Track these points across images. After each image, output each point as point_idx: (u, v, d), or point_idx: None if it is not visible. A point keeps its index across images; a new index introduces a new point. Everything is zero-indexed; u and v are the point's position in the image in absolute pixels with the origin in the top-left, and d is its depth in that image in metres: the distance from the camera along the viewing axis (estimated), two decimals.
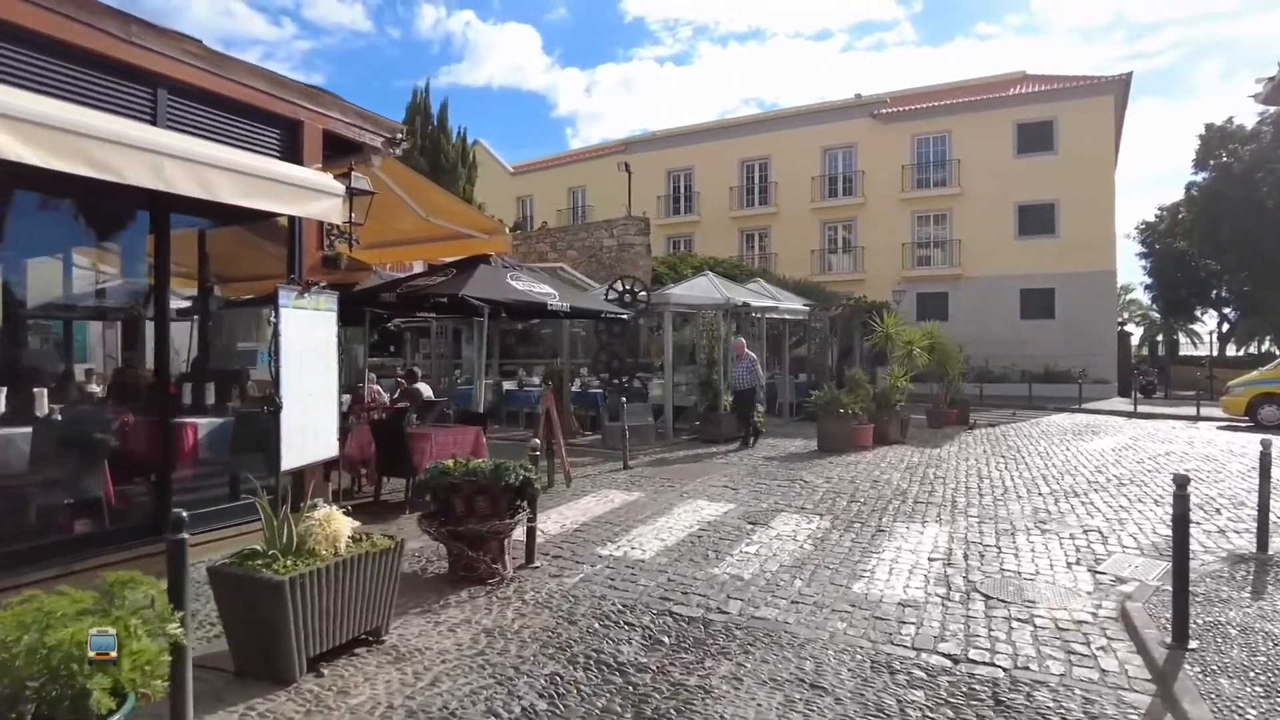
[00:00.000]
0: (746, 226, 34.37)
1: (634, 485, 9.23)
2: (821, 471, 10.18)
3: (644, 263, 22.20)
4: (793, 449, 12.46)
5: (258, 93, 6.38)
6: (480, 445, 8.26)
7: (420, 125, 31.95)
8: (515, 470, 5.34)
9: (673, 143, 36.18)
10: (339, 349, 6.50)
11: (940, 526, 7.18)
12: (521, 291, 8.59)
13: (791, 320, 17.98)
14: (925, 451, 12.16)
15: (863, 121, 31.57)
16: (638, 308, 13.40)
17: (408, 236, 10.15)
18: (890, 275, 29.19)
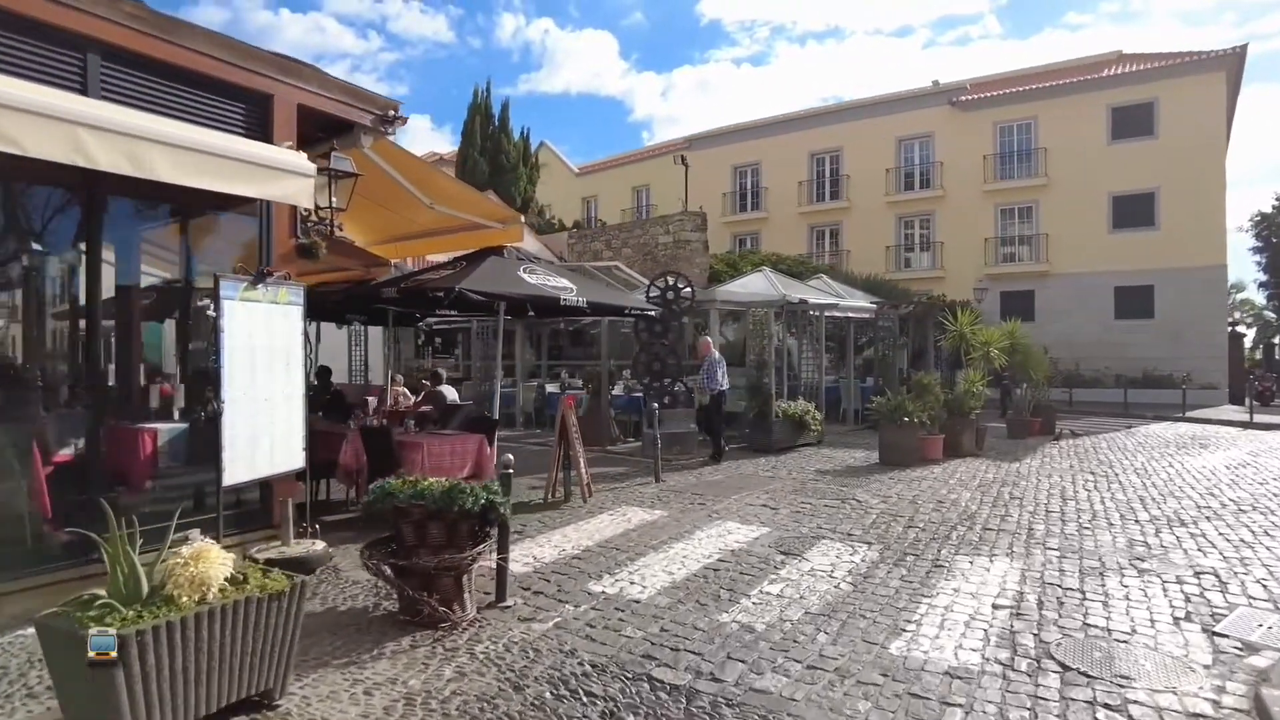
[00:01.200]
0: (817, 222, 32.86)
1: (659, 502, 8.25)
2: (879, 489, 8.98)
3: (700, 260, 21.21)
4: (851, 461, 11.24)
5: (215, 62, 5.69)
6: (485, 457, 7.43)
7: (481, 126, 31.77)
8: (474, 494, 4.44)
9: (739, 137, 34.96)
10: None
11: (1011, 562, 5.96)
12: (533, 286, 7.73)
13: (857, 320, 16.65)
14: (1002, 466, 10.75)
15: (940, 110, 29.71)
16: (681, 305, 12.41)
17: (423, 229, 9.47)
18: (971, 272, 27.30)
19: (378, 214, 9.28)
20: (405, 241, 9.80)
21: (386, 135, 7.13)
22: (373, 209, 9.18)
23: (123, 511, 5.05)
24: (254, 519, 5.94)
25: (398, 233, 9.81)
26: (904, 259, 30.76)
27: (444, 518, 4.46)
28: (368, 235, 10.34)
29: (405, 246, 9.85)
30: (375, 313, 11.05)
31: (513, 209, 29.84)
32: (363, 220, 9.89)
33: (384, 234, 10.05)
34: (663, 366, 12.41)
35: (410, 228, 9.52)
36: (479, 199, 8.24)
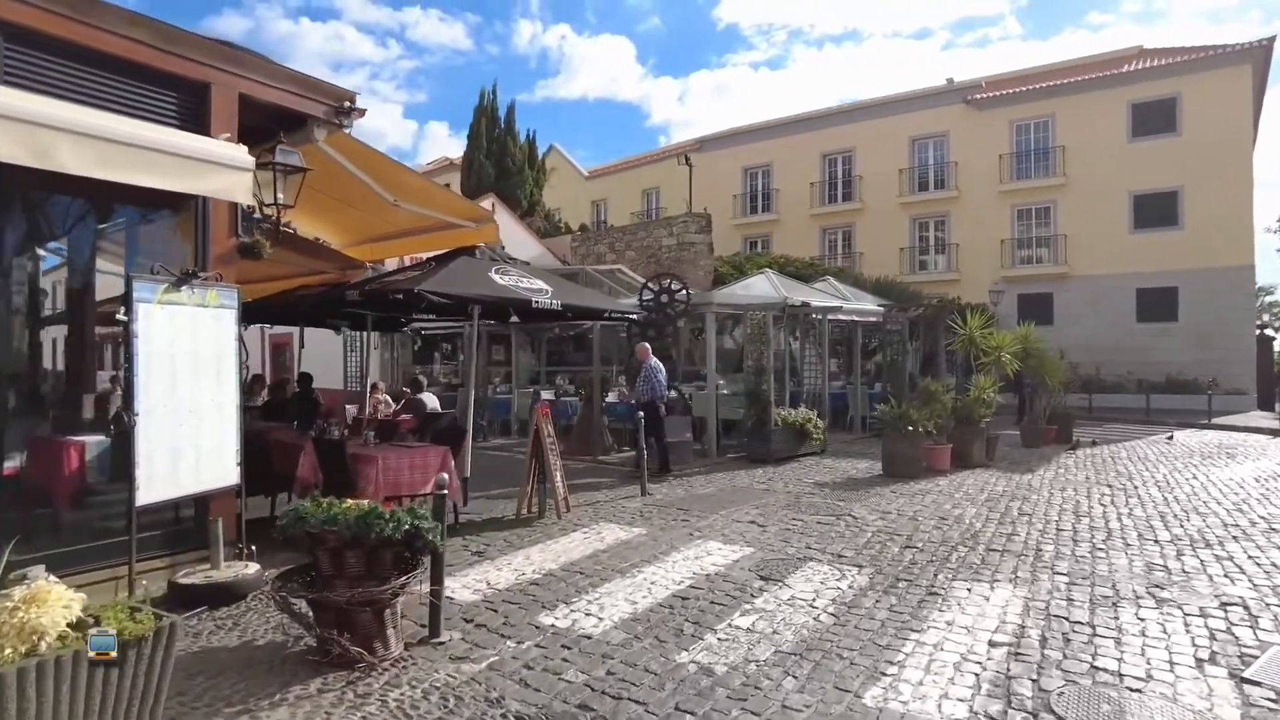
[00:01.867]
0: (829, 224, 32.22)
1: (640, 519, 7.73)
2: (878, 504, 8.41)
3: (705, 262, 20.71)
4: (853, 473, 10.66)
5: (142, 47, 5.27)
6: (449, 470, 6.94)
7: (487, 129, 31.42)
8: (395, 519, 3.95)
9: (749, 138, 34.40)
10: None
11: (1014, 589, 5.38)
12: (502, 287, 7.26)
13: (864, 323, 16.04)
14: (1013, 478, 10.13)
15: (955, 109, 29.01)
16: (676, 309, 11.91)
17: (399, 229, 9.04)
18: (987, 275, 26.56)
19: (351, 215, 8.86)
20: (381, 243, 9.37)
21: (343, 128, 6.68)
22: (344, 209, 8.76)
23: (38, 533, 4.59)
24: (186, 539, 5.49)
25: (373, 234, 9.38)
26: (918, 261, 30.04)
27: (362, 545, 3.97)
28: (343, 237, 9.92)
29: (382, 248, 9.42)
30: (358, 318, 10.65)
31: (519, 209, 29.53)
32: (337, 221, 9.48)
33: (359, 235, 9.63)
34: None
35: (385, 228, 9.09)
36: (449, 197, 7.79)
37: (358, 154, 7.21)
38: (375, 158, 7.33)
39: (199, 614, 4.63)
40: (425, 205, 7.76)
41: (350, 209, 8.66)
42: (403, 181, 7.52)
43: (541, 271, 8.31)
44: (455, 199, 7.81)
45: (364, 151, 7.25)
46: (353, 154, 7.17)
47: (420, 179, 7.46)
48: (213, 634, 4.51)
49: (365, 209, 8.04)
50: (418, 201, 7.67)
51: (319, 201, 8.75)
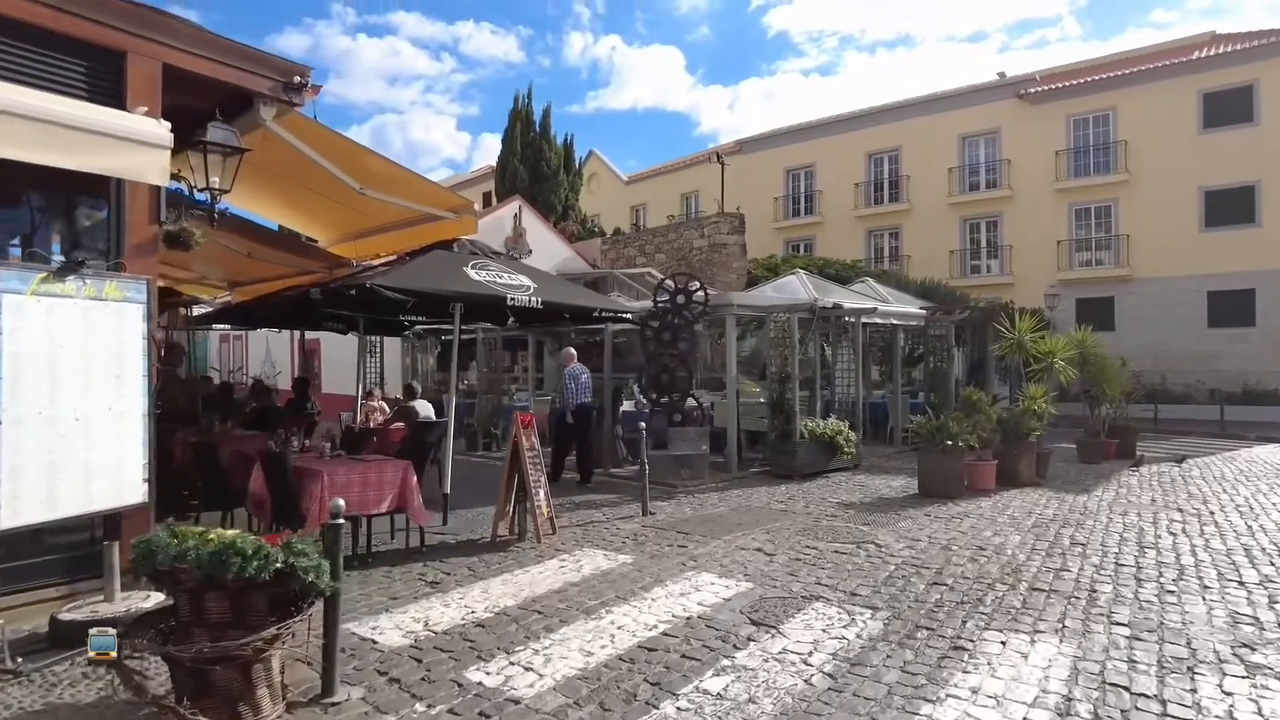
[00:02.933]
0: (875, 226, 30.95)
1: (633, 543, 6.87)
2: (908, 529, 7.40)
3: (738, 264, 19.78)
4: (886, 491, 9.63)
5: (42, 8, 4.65)
6: (409, 488, 6.20)
7: (521, 133, 30.97)
8: (262, 555, 3.18)
9: (791, 139, 33.34)
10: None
11: (1061, 644, 4.38)
12: (476, 283, 6.50)
13: (906, 328, 14.91)
14: (1066, 500, 8.97)
15: (1007, 104, 27.53)
16: (694, 311, 11.02)
17: (382, 224, 8.39)
18: (1043, 278, 25.06)
19: (334, 210, 8.25)
20: (365, 239, 8.75)
21: (294, 106, 6.01)
22: (326, 205, 8.15)
23: None
24: (90, 565, 4.83)
25: (356, 229, 8.77)
26: (970, 265, 28.57)
27: (224, 587, 3.21)
28: (329, 234, 9.34)
29: (366, 244, 8.78)
30: (356, 321, 10.06)
31: (554, 213, 28.94)
32: (321, 218, 8.89)
33: (344, 231, 9.03)
34: (672, 379, 11.03)
35: (366, 223, 8.46)
36: (423, 184, 7.07)
37: (317, 137, 6.54)
38: (336, 140, 6.65)
39: (67, 658, 3.94)
40: (394, 193, 7.07)
41: (333, 205, 8.04)
42: (368, 166, 6.83)
43: (527, 268, 7.54)
44: (429, 186, 7.11)
45: (324, 134, 6.59)
46: (312, 137, 6.51)
47: (387, 163, 6.76)
48: (73, 685, 3.80)
49: (339, 199, 7.38)
50: (386, 188, 6.97)
51: (296, 195, 8.17)
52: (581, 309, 7.15)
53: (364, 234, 8.70)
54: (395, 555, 6.40)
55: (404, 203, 7.09)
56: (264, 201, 8.65)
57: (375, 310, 8.47)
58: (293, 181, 7.39)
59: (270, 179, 7.72)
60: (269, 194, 8.34)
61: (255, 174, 7.70)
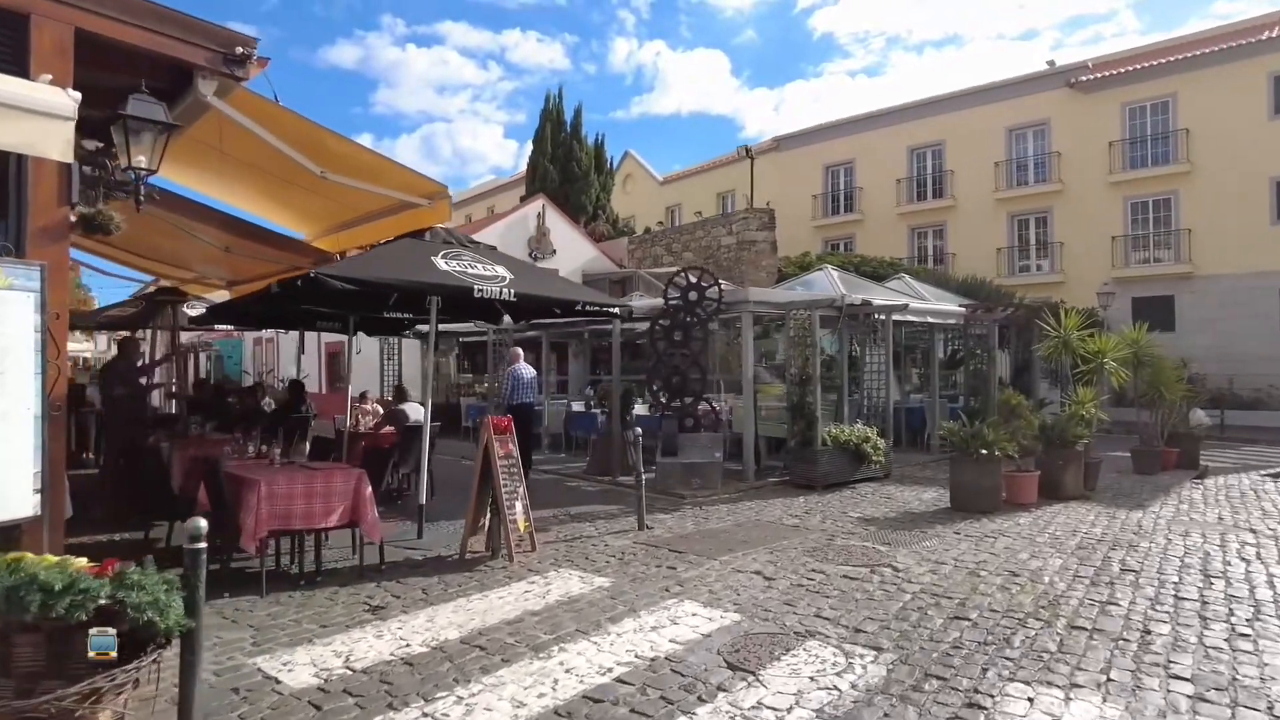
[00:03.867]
0: (918, 223, 29.72)
1: (617, 563, 6.16)
2: (933, 549, 6.55)
3: (768, 261, 18.96)
4: (915, 504, 8.75)
5: None
6: (362, 501, 5.58)
7: (552, 133, 30.55)
8: (75, 591, 2.56)
9: (830, 135, 32.27)
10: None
11: (1103, 704, 3.55)
12: (444, 273, 5.87)
13: (944, 327, 13.91)
14: (1117, 517, 7.99)
15: (1057, 94, 26.12)
16: (707, 309, 10.27)
17: (361, 214, 7.83)
18: (1096, 276, 23.58)
19: (314, 200, 7.71)
20: (347, 231, 8.19)
21: (238, 80, 5.45)
22: (306, 196, 7.61)
23: None
24: None
25: (339, 220, 8.23)
26: (1018, 262, 27.19)
27: (40, 628, 2.59)
28: (314, 227, 8.83)
29: (348, 236, 8.22)
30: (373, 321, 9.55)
31: (585, 214, 28.39)
32: (305, 209, 8.36)
33: (329, 223, 8.50)
34: (683, 381, 10.30)
35: (349, 213, 7.90)
36: (391, 168, 6.47)
37: (270, 116, 5.97)
38: (292, 120, 6.06)
39: None
40: (360, 177, 6.47)
41: (310, 195, 7.51)
42: (330, 148, 6.24)
43: (508, 258, 6.89)
44: (398, 170, 6.49)
45: (278, 113, 6.00)
46: (265, 116, 5.94)
47: (353, 145, 6.17)
48: None
49: (307, 187, 6.82)
50: (350, 172, 6.38)
51: (272, 187, 7.66)
52: (560, 302, 6.47)
53: (346, 225, 8.15)
54: (348, 574, 5.79)
55: (370, 187, 6.50)
56: (241, 193, 8.18)
57: (355, 306, 7.91)
58: (262, 170, 6.86)
59: (241, 168, 7.22)
60: (244, 185, 7.86)
61: (227, 163, 7.24)
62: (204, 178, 8.19)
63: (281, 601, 5.11)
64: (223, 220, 7.95)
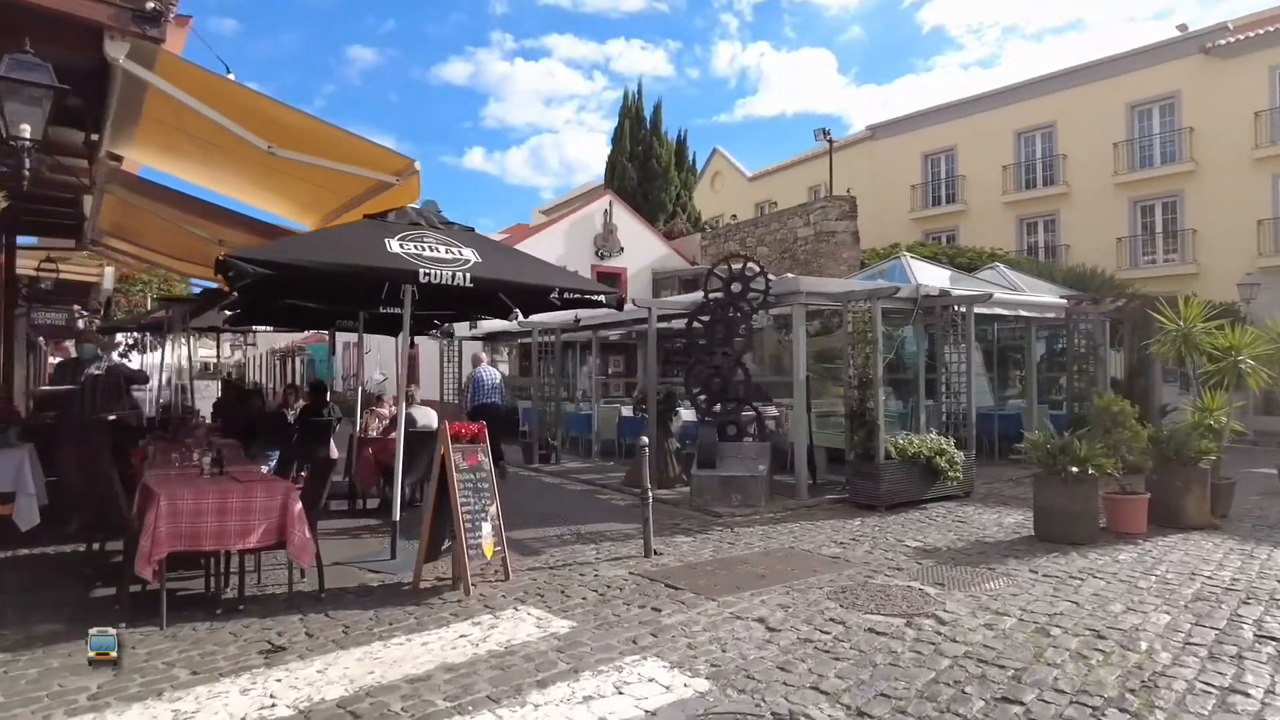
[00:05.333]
0: (1026, 213, 27.19)
1: (595, 600, 5.12)
2: (995, 595, 5.20)
3: (849, 253, 17.46)
4: (993, 531, 7.31)
5: None
6: (291, 519, 4.76)
7: (631, 130, 29.77)
8: None
9: (930, 120, 30.06)
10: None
11: None
12: (393, 256, 5.02)
13: (1040, 320, 12.12)
14: (1255, 556, 6.30)
15: (1190, 61, 23.21)
16: (752, 301, 9.10)
17: (347, 198, 7.12)
18: (1237, 266, 20.71)
19: (301, 188, 7.07)
20: (339, 216, 7.51)
21: (153, 42, 4.76)
22: (294, 182, 6.97)
23: None
24: None
25: (331, 207, 7.56)
26: (1141, 253, 24.36)
27: None
28: (312, 216, 8.20)
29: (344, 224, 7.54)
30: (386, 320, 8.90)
31: (665, 212, 27.40)
32: (297, 198, 7.75)
33: (325, 210, 7.85)
34: (725, 384, 9.15)
35: (336, 198, 7.21)
36: (352, 141, 5.65)
37: (206, 86, 5.27)
38: (232, 89, 5.35)
39: None
40: (314, 151, 5.69)
41: (299, 182, 6.87)
42: (276, 120, 5.49)
43: (485, 240, 5.95)
44: (359, 144, 5.66)
45: (214, 82, 5.30)
46: (200, 86, 5.25)
47: (305, 117, 5.41)
48: None
49: (262, 164, 6.12)
50: (302, 146, 5.61)
51: (262, 175, 7.04)
52: (528, 288, 5.45)
53: (338, 213, 7.47)
54: (277, 602, 5.01)
55: (326, 164, 5.73)
56: (234, 184, 7.64)
57: (334, 299, 7.19)
58: (221, 149, 6.22)
59: (220, 155, 6.63)
60: (234, 174, 7.29)
61: (212, 153, 6.67)
62: (194, 168, 7.71)
63: (179, 636, 4.36)
64: (205, 210, 7.43)
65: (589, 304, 5.89)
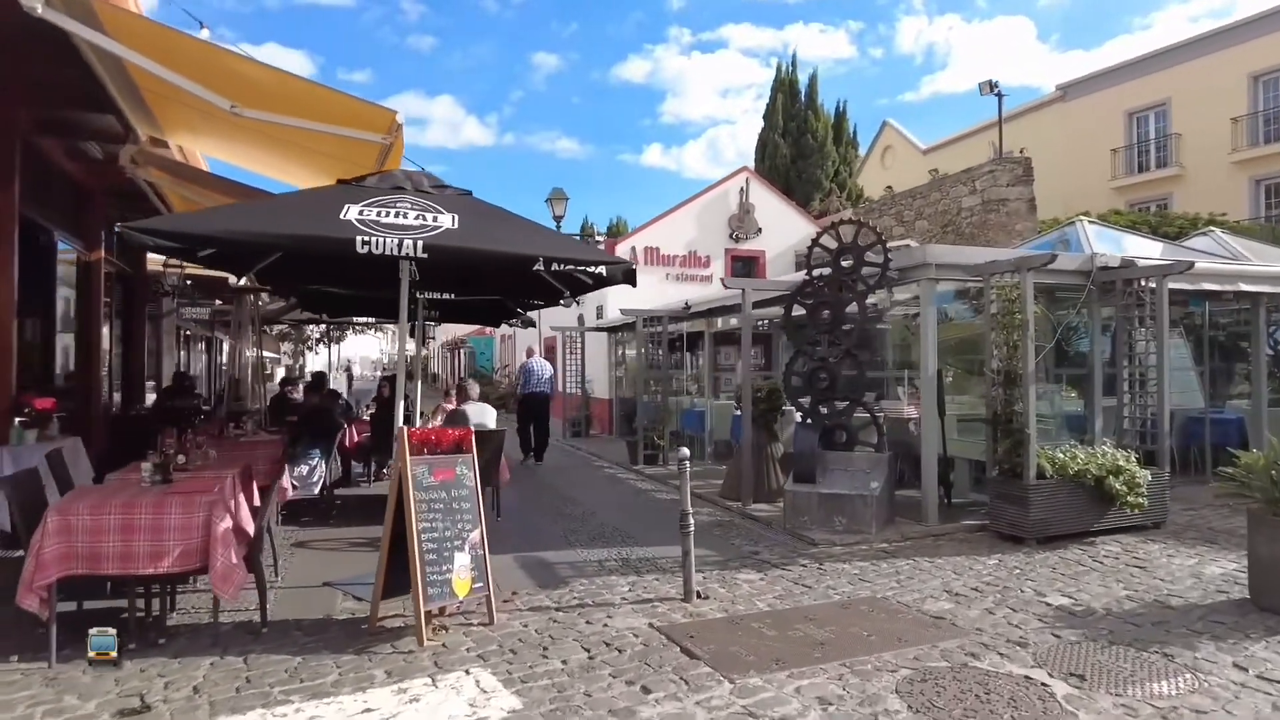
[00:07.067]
0: (1264, 173, 22.54)
1: (576, 668, 3.88)
2: (1171, 708, 3.41)
3: (1024, 224, 14.92)
4: (1188, 585, 5.30)
5: None
6: (214, 541, 3.93)
7: (784, 105, 27.93)
8: None
9: (1135, 72, 25.77)
10: None
11: None
12: (342, 224, 4.04)
13: (1270, 297, 9.29)
14: None
15: None
16: (867, 279, 7.44)
17: (364, 169, 6.30)
18: None
19: (317, 159, 6.37)
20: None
21: None
22: (307, 154, 6.29)
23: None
24: None
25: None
26: None
27: None
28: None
29: None
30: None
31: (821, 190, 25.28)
32: (317, 168, 7.06)
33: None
34: (832, 380, 7.54)
35: (352, 168, 6.43)
36: (327, 95, 4.72)
37: (157, 40, 4.54)
38: (189, 44, 4.58)
39: None
40: (285, 110, 4.84)
41: (314, 155, 6.17)
42: (237, 74, 4.68)
43: (480, 206, 4.80)
44: (336, 97, 4.72)
45: (167, 36, 4.55)
46: (147, 41, 4.53)
47: (265, 69, 4.55)
48: None
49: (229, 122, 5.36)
50: (269, 104, 4.77)
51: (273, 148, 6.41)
52: (502, 257, 4.23)
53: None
54: (201, 637, 4.19)
55: (300, 123, 4.86)
56: (259, 158, 7.08)
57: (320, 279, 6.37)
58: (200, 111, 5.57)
59: (231, 128, 6.02)
60: (260, 147, 6.71)
61: (217, 123, 6.10)
62: (222, 146, 7.23)
63: (55, 680, 3.61)
64: (228, 188, 6.89)
65: (585, 277, 4.62)
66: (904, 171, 35.05)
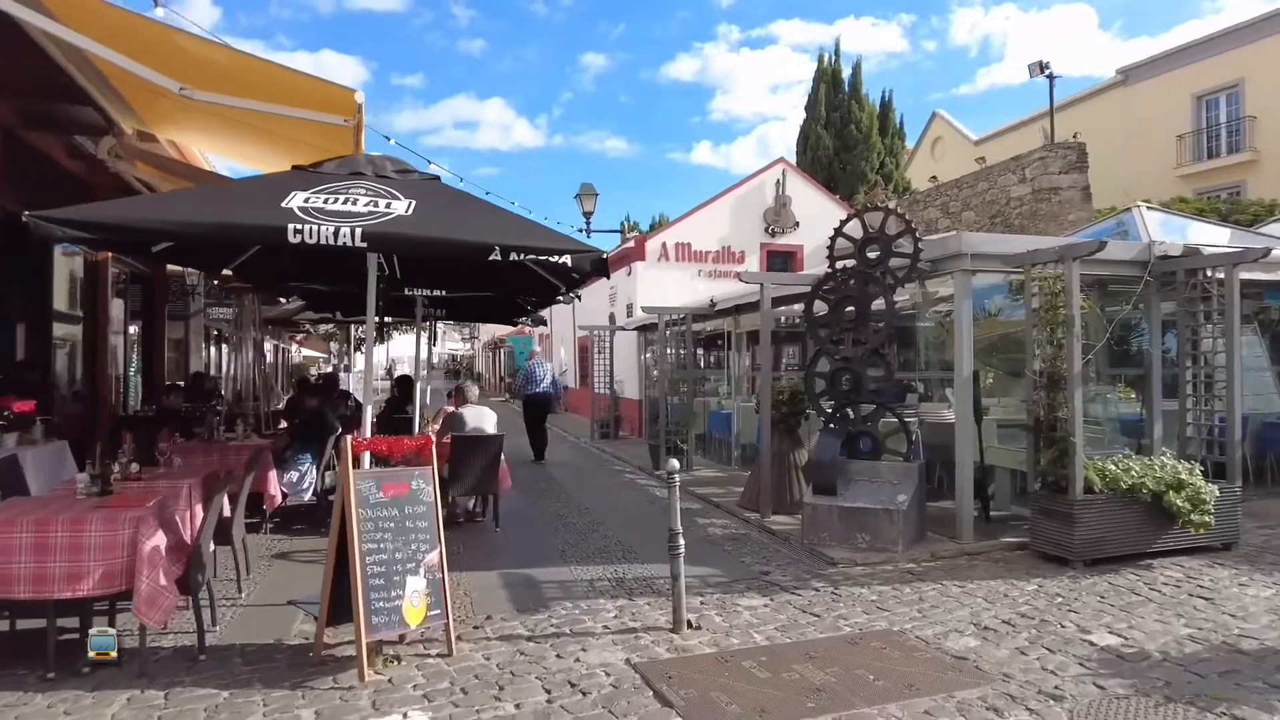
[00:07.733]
0: None
1: (536, 713, 3.40)
2: None
3: (1078, 214, 13.98)
4: (1263, 622, 4.57)
5: None
6: (140, 561, 3.56)
7: (827, 95, 27.10)
8: None
9: (1204, 53, 24.26)
10: None
11: None
12: (282, 212, 3.63)
13: None
14: None
15: None
16: (895, 271, 6.81)
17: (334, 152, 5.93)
18: None
19: (299, 149, 6.01)
20: None
21: None
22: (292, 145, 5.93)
23: None
24: None
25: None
26: None
27: None
28: None
29: None
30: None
31: (865, 182, 24.39)
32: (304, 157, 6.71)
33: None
34: (856, 382, 6.91)
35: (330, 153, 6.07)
36: (286, 75, 4.33)
37: (103, 21, 4.20)
38: (137, 23, 4.22)
39: None
40: (240, 92, 4.47)
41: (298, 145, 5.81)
42: (191, 54, 4.31)
43: (445, 192, 4.35)
44: (296, 78, 4.31)
45: (111, 15, 4.21)
46: (96, 23, 4.19)
47: (218, 47, 4.18)
48: None
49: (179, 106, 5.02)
50: (220, 85, 4.39)
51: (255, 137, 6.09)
52: (454, 244, 3.73)
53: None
54: (130, 664, 3.80)
55: (256, 105, 4.49)
56: (246, 151, 6.76)
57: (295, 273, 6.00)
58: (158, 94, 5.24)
59: (214, 120, 5.72)
60: (234, 140, 6.40)
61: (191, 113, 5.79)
62: (203, 139, 6.94)
63: None
64: (208, 179, 6.59)
65: (543, 270, 4.13)
66: (954, 163, 33.75)
